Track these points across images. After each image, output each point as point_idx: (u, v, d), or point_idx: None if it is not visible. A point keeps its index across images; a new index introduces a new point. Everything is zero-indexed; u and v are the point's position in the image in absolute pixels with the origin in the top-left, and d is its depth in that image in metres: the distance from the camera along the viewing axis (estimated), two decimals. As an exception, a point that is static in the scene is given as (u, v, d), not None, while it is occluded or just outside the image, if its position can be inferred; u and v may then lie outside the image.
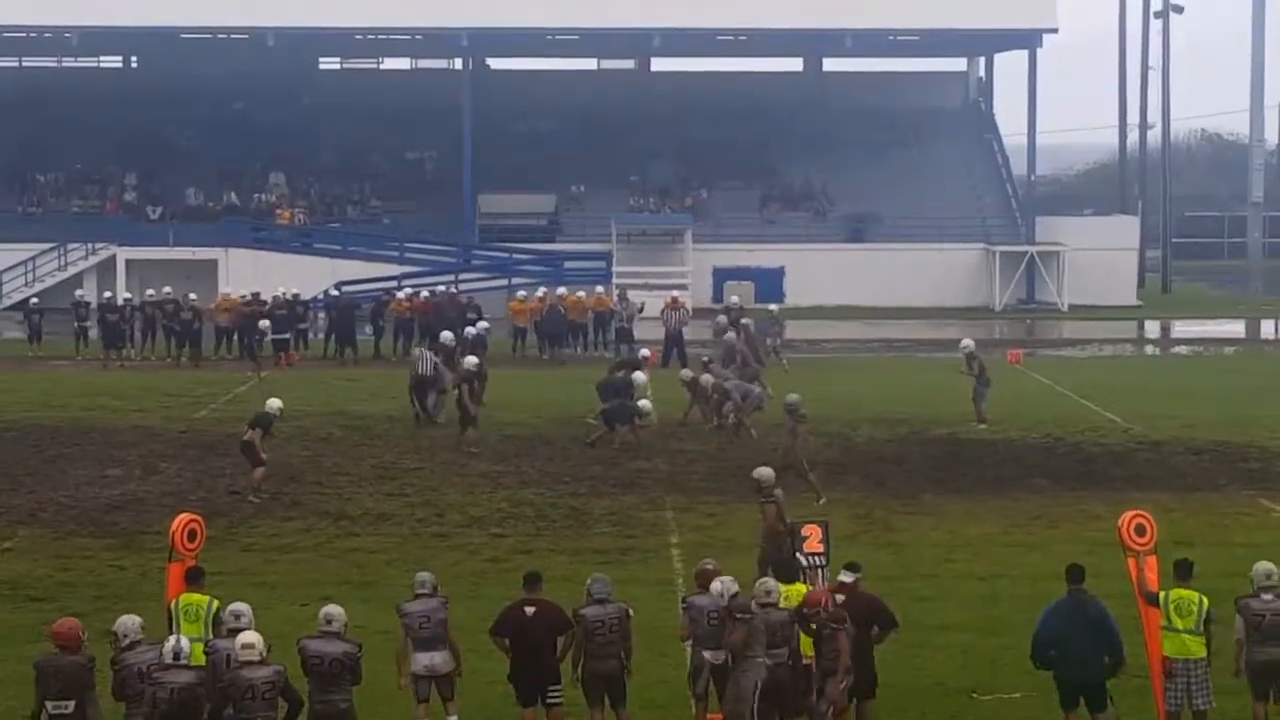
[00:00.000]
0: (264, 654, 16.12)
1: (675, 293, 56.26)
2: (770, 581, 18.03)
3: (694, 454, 35.28)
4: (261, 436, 31.19)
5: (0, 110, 75.27)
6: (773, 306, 44.68)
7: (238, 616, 16.95)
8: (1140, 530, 18.56)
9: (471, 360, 38.00)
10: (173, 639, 16.23)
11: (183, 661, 15.96)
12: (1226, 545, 26.56)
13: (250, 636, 16.24)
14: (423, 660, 18.13)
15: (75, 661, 16.23)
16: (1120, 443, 36.71)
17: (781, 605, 17.73)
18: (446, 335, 43.24)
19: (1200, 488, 31.89)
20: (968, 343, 40.02)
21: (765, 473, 24.11)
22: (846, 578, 18.41)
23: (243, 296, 52.90)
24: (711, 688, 18.07)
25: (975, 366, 38.57)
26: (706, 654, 18.04)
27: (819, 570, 19.26)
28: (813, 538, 19.33)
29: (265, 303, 51.90)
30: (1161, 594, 18.05)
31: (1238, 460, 34.67)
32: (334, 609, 17.19)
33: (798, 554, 19.32)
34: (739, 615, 17.43)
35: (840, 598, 18.08)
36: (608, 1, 69.76)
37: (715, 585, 18.06)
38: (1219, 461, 34.56)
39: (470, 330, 45.37)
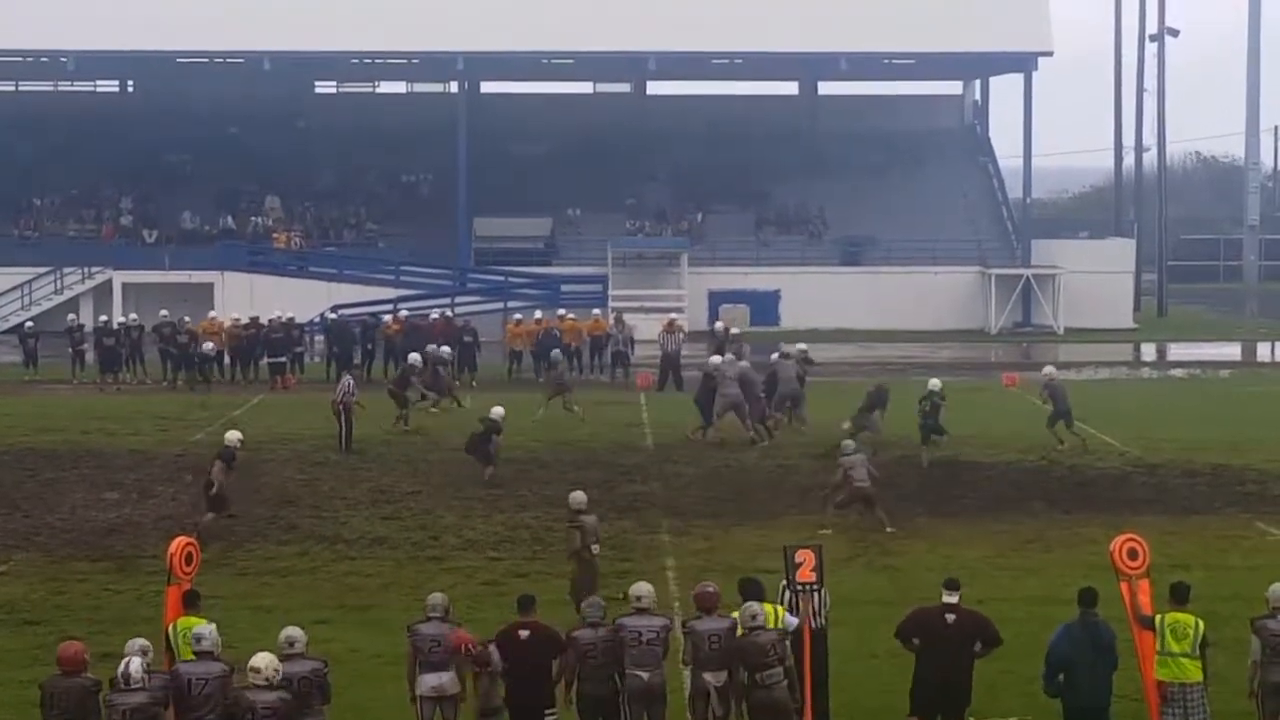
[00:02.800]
0: (272, 679, 16.20)
1: (672, 315, 56.32)
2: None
3: (690, 478, 35.27)
4: (225, 471, 30.13)
5: (-3, 134, 75.41)
6: (801, 346, 44.49)
7: (199, 639, 17.02)
8: (1132, 554, 18.56)
9: (445, 350, 44.31)
10: (124, 662, 16.30)
11: (134, 685, 16.07)
12: (1223, 568, 26.55)
13: (259, 660, 16.33)
14: (430, 681, 18.14)
15: (79, 684, 16.28)
16: (1117, 466, 36.71)
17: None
18: (414, 357, 44.14)
19: (1197, 511, 31.88)
20: (1049, 370, 39.98)
21: (577, 496, 25.16)
22: (951, 598, 18.44)
23: (235, 320, 52.88)
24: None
25: (1049, 395, 38.64)
26: (708, 676, 18.01)
27: (813, 595, 19.17)
28: (805, 565, 19.23)
29: (262, 326, 51.96)
30: (1158, 617, 18.03)
31: (1234, 483, 34.66)
32: (294, 631, 17.27)
33: (786, 583, 19.22)
34: None
35: (951, 617, 18.28)
36: (603, 25, 69.87)
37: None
38: (1215, 485, 34.56)
39: (434, 349, 45.89)
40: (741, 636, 17.94)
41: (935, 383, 38.82)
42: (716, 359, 41.43)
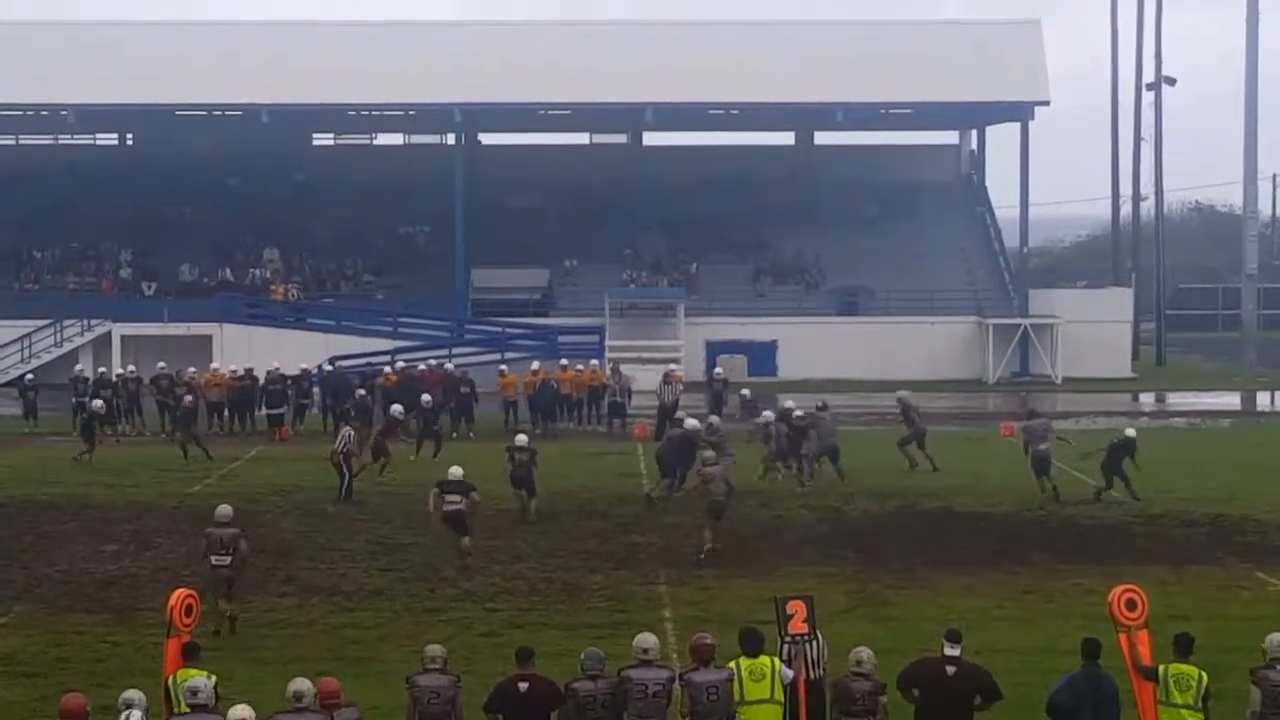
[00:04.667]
0: None
1: (671, 367, 56.41)
2: (864, 651, 18.19)
3: (688, 528, 35.15)
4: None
5: (-3, 187, 75.66)
6: (789, 404, 44.66)
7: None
8: (1131, 605, 18.54)
9: (397, 408, 43.94)
10: (124, 716, 16.28)
11: None
12: (1224, 619, 26.49)
13: (240, 711, 16.30)
14: (430, 731, 18.13)
15: None
16: (1115, 516, 36.67)
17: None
18: (397, 408, 44.48)
19: (1196, 561, 31.81)
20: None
21: (223, 510, 27.34)
22: (953, 650, 18.42)
23: (234, 372, 53.01)
24: None
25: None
26: (707, 727, 18.00)
27: (804, 646, 19.17)
28: (797, 616, 19.23)
29: (257, 379, 52.07)
30: (1160, 668, 18.00)
31: (1234, 533, 34.63)
32: (302, 684, 17.22)
33: (781, 635, 19.22)
34: None
35: (952, 669, 18.22)
36: (600, 77, 70.13)
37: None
38: (1215, 535, 34.52)
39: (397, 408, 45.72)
40: (840, 678, 18.06)
41: (1131, 431, 38.82)
42: (693, 423, 40.22)
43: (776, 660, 18.63)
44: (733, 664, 18.19)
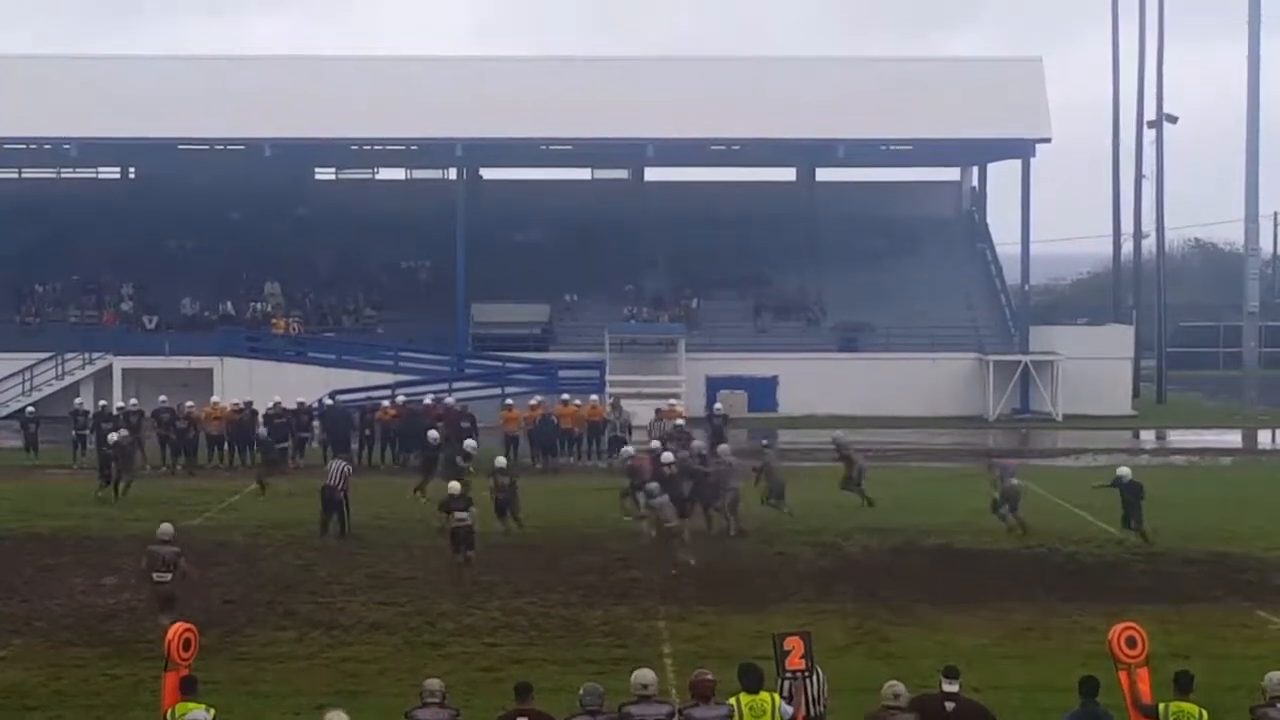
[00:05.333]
0: None
1: (671, 402, 56.42)
2: (899, 685, 18.14)
3: (686, 564, 35.19)
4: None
5: (-1, 221, 75.74)
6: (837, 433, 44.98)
7: None
8: (1131, 643, 18.51)
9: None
10: None
11: None
12: (1225, 658, 26.43)
13: None
14: (429, 765, 18.15)
15: None
16: (1115, 554, 36.64)
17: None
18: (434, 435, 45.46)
19: (1197, 599, 31.76)
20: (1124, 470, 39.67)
21: (164, 528, 28.63)
22: (951, 686, 18.39)
23: (234, 405, 53.03)
24: None
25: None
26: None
27: (804, 682, 19.14)
28: (794, 653, 19.21)
29: (256, 411, 52.07)
30: (1161, 706, 17.97)
31: (1234, 571, 34.57)
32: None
33: (780, 672, 19.19)
34: None
35: (951, 705, 18.22)
36: (601, 112, 70.21)
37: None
38: (1215, 573, 34.44)
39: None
40: (875, 712, 18.04)
41: (1125, 470, 38.58)
42: (662, 454, 40.67)
43: (777, 697, 18.61)
44: (733, 700, 18.17)
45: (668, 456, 39.37)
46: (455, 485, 34.20)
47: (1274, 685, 18.03)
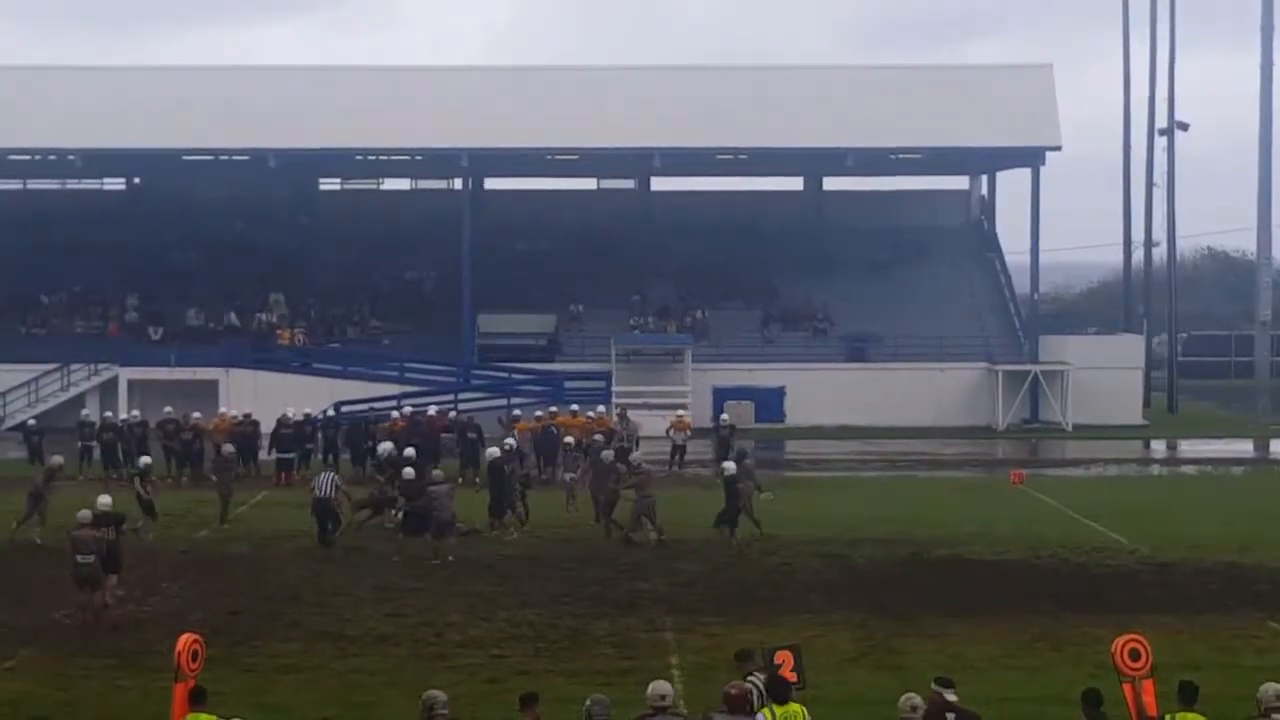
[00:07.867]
0: None
1: (680, 413, 56.32)
2: (915, 698, 17.99)
3: (694, 574, 35.06)
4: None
5: (4, 231, 75.78)
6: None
7: None
8: (1135, 655, 18.33)
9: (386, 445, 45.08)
10: None
11: None
12: (1236, 669, 26.19)
13: None
14: (433, 776, 18.00)
15: None
16: (1126, 564, 36.44)
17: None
18: (385, 446, 45.28)
19: (1208, 610, 31.54)
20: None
21: (83, 514, 30.30)
22: (950, 696, 18.21)
23: (235, 417, 53.02)
24: None
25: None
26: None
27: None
28: (785, 665, 19.06)
29: (257, 423, 52.02)
30: (1166, 717, 17.81)
31: (1246, 582, 34.36)
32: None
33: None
34: None
35: (951, 716, 18.07)
36: (608, 122, 70.15)
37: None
38: (1227, 583, 34.24)
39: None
40: None
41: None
42: (608, 454, 43.00)
43: (804, 710, 18.47)
44: (765, 712, 18.00)
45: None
46: (438, 472, 37.64)
47: (1269, 697, 17.84)
